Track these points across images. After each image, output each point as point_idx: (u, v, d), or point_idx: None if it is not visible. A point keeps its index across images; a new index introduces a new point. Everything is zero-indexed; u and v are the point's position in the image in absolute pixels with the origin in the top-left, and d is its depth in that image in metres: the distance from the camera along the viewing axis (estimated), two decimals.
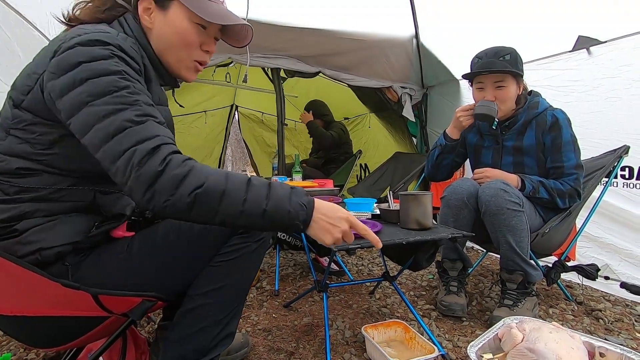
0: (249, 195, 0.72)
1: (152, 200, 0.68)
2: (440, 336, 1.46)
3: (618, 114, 1.95)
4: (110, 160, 0.69)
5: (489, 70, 1.61)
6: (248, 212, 0.72)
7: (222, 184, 0.71)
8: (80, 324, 0.86)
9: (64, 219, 0.79)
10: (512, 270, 1.52)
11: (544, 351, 0.85)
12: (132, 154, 0.68)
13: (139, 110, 0.72)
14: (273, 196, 0.74)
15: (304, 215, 0.76)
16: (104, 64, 0.73)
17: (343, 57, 2.69)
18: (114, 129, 0.69)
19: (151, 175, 0.67)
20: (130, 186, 0.68)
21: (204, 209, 0.70)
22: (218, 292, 0.89)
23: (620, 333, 1.49)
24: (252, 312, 1.69)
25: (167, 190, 0.68)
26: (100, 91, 0.71)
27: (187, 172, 0.69)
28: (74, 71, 0.71)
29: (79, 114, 0.71)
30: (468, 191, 1.61)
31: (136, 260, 0.85)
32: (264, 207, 0.73)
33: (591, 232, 2.00)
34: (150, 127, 0.72)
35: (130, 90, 0.74)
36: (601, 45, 1.99)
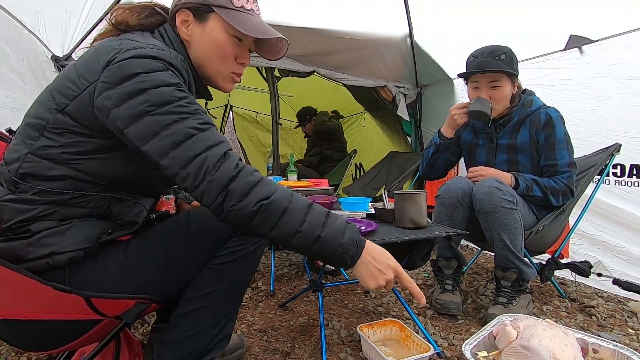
0: (308, 218, 0.75)
1: (224, 203, 0.71)
2: (435, 334, 1.46)
3: (609, 113, 1.97)
4: (179, 165, 0.72)
5: (484, 70, 1.61)
6: (303, 234, 0.74)
7: (286, 200, 0.74)
8: (73, 327, 0.85)
9: (77, 224, 0.79)
10: (507, 268, 1.53)
11: (538, 348, 0.86)
12: (205, 159, 0.71)
13: (201, 118, 0.76)
14: (329, 225, 0.77)
15: (354, 252, 0.78)
16: (161, 75, 0.75)
17: (337, 57, 2.69)
18: (182, 137, 0.72)
19: (226, 178, 0.71)
20: (202, 189, 0.71)
21: (264, 221, 0.73)
22: (214, 295, 0.88)
23: (613, 329, 1.51)
24: (247, 312, 1.69)
25: (238, 195, 0.71)
26: (161, 101, 0.72)
27: (258, 181, 0.73)
28: (131, 81, 0.72)
29: (139, 123, 0.72)
30: (462, 190, 1.62)
31: (132, 263, 0.83)
32: (319, 233, 0.75)
33: (584, 230, 2.03)
34: (215, 134, 0.76)
35: (189, 100, 0.76)
36: (593, 44, 2.01)
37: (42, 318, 0.81)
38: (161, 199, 1.00)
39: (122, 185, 0.83)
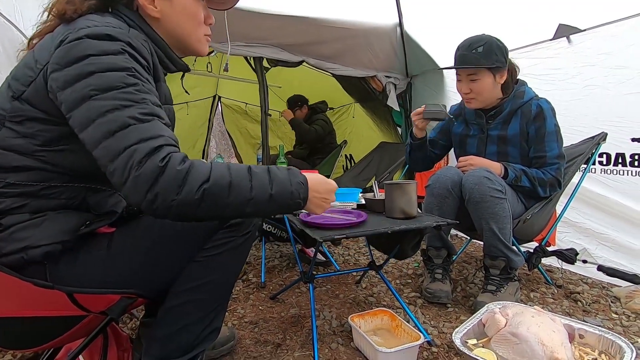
0: (254, 182, 0.73)
1: (156, 202, 0.65)
2: (425, 323, 1.48)
3: (596, 102, 1.99)
4: (108, 157, 0.66)
5: (457, 67, 1.64)
6: (256, 199, 0.73)
7: (226, 175, 0.71)
8: (57, 323, 0.83)
9: (52, 216, 0.76)
10: (495, 257, 1.55)
11: (526, 335, 0.87)
12: (133, 153, 0.65)
13: (146, 108, 0.70)
14: (276, 180, 0.76)
15: (304, 192, 0.80)
16: (113, 59, 0.70)
17: (327, 46, 2.65)
18: (117, 126, 0.66)
19: (151, 174, 0.65)
20: (128, 187, 0.65)
21: (213, 203, 0.69)
22: (203, 289, 0.87)
23: (597, 314, 1.55)
24: (238, 305, 1.68)
25: (172, 189, 0.66)
26: (107, 86, 0.68)
27: (190, 166, 0.68)
28: (80, 63, 0.68)
29: (81, 107, 0.68)
30: (452, 179, 1.62)
31: (116, 256, 0.81)
32: (270, 191, 0.75)
33: (570, 218, 2.06)
34: (156, 126, 0.70)
35: (139, 88, 0.71)
36: (581, 33, 2.02)
37: (25, 315, 0.78)
38: None
39: (93, 175, 0.80)
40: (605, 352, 0.91)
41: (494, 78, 1.62)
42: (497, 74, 1.62)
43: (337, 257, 2.35)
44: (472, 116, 1.76)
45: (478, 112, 1.73)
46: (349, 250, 2.50)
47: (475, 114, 1.74)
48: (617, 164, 1.93)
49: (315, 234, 1.12)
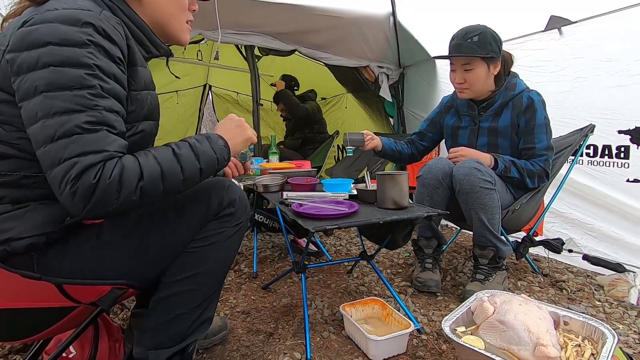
0: (183, 164, 0.76)
1: (94, 210, 0.66)
2: (415, 311, 1.50)
3: (585, 94, 2.01)
4: (48, 163, 0.65)
5: (451, 56, 1.63)
6: (188, 178, 0.77)
7: (157, 167, 0.72)
8: (46, 315, 0.82)
9: (34, 207, 0.74)
10: (484, 246, 1.57)
11: (513, 323, 0.89)
12: (72, 166, 0.64)
13: (96, 117, 0.67)
14: (201, 154, 0.79)
15: (227, 153, 0.85)
16: (74, 52, 0.66)
17: (319, 35, 2.62)
18: (62, 132, 0.64)
19: (87, 191, 0.64)
20: (65, 200, 0.65)
21: (151, 196, 0.72)
22: (194, 279, 0.87)
23: (581, 302, 1.59)
24: (230, 295, 1.68)
25: (110, 197, 0.66)
26: (61, 84, 0.65)
27: (121, 171, 0.67)
28: (38, 50, 0.65)
29: (31, 101, 0.65)
30: (443, 170, 1.64)
31: (105, 247, 0.80)
32: (200, 166, 0.78)
33: (557, 208, 2.10)
34: (101, 139, 0.67)
35: (94, 92, 0.68)
36: (572, 25, 2.03)
37: (14, 306, 0.77)
38: None
39: None
40: (588, 338, 0.94)
41: (487, 68, 1.63)
42: (491, 65, 1.63)
43: (328, 247, 2.37)
44: (464, 108, 1.77)
45: (470, 104, 1.74)
46: (340, 240, 2.52)
47: (467, 106, 1.75)
48: (604, 155, 1.97)
49: (307, 224, 1.12)
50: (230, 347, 1.28)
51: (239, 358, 1.22)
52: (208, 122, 9.26)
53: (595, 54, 1.95)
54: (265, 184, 1.66)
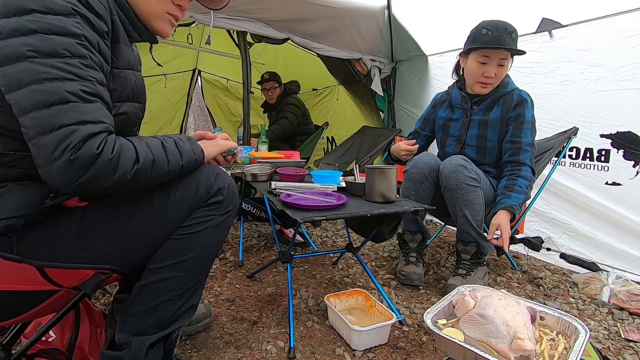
0: (169, 157, 0.79)
1: (87, 185, 0.65)
2: (398, 304, 1.53)
3: (570, 97, 2.05)
4: (38, 129, 0.62)
5: (506, 47, 1.56)
6: (171, 171, 0.80)
7: (149, 153, 0.75)
8: (26, 298, 0.80)
9: (12, 188, 0.71)
10: (467, 242, 1.61)
11: (492, 316, 0.92)
12: (70, 133, 0.62)
13: (90, 87, 0.66)
14: (184, 152, 0.83)
15: (201, 156, 0.89)
16: (62, 20, 0.64)
17: (313, 24, 2.59)
18: (56, 98, 0.62)
19: (88, 161, 0.64)
20: (58, 167, 0.62)
21: (140, 181, 0.74)
22: (180, 266, 0.86)
23: (557, 298, 1.65)
24: (215, 282, 1.68)
25: (106, 174, 0.67)
26: (49, 50, 0.62)
27: (120, 149, 0.69)
28: (22, 17, 0.62)
29: (13, 66, 0.62)
30: (429, 165, 1.66)
31: (90, 231, 0.78)
32: (182, 163, 0.82)
33: (538, 208, 2.16)
34: (98, 110, 0.68)
35: (86, 63, 0.66)
36: (562, 28, 2.06)
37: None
38: None
39: None
40: (562, 333, 0.97)
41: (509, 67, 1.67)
42: (511, 63, 1.68)
43: (315, 238, 2.38)
44: (458, 101, 1.79)
45: (464, 97, 1.76)
46: (327, 232, 2.53)
47: (461, 99, 1.77)
48: (585, 158, 2.02)
49: (295, 214, 1.12)
50: (213, 335, 1.28)
51: (222, 345, 1.23)
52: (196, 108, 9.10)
53: (583, 58, 1.98)
54: (253, 173, 1.65)
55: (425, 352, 1.22)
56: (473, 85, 1.71)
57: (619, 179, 1.89)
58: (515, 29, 1.62)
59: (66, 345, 1.03)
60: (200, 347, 1.21)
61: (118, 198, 0.83)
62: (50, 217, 0.76)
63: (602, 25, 1.90)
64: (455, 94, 1.81)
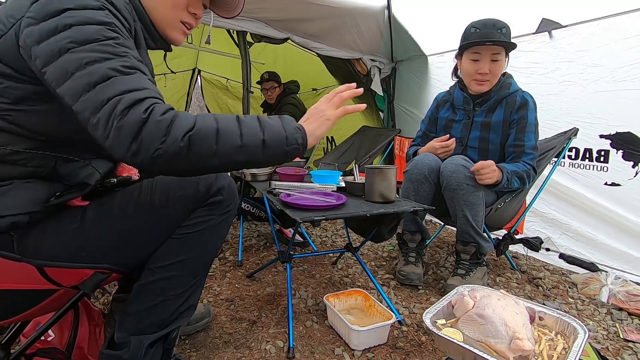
0: (243, 129, 0.70)
1: (140, 153, 0.63)
2: (397, 303, 1.53)
3: (570, 98, 2.05)
4: (90, 110, 0.63)
5: (493, 40, 1.58)
6: (247, 145, 0.69)
7: (212, 123, 0.68)
8: (26, 297, 0.80)
9: (19, 185, 0.71)
10: (467, 242, 1.61)
11: (491, 316, 0.92)
12: (116, 103, 0.62)
13: (127, 62, 0.68)
14: (266, 127, 0.73)
15: (301, 137, 0.76)
16: (93, 13, 0.68)
17: (313, 24, 2.59)
18: (98, 77, 0.64)
19: (135, 125, 0.62)
20: (112, 138, 0.62)
21: (200, 151, 0.66)
22: (180, 265, 0.86)
23: (556, 298, 1.65)
24: (214, 282, 1.68)
25: (156, 138, 0.63)
26: (85, 38, 0.65)
27: (174, 116, 0.65)
28: (58, 17, 0.66)
29: (58, 61, 0.64)
30: (429, 166, 1.66)
31: (90, 230, 0.78)
32: (262, 137, 0.71)
33: (538, 208, 2.16)
34: (139, 79, 0.67)
35: (119, 42, 0.69)
36: (562, 29, 2.06)
37: None
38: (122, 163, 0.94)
39: (64, 142, 0.76)
40: (561, 333, 0.98)
41: (505, 63, 1.66)
42: (507, 60, 1.66)
43: (314, 238, 2.38)
44: (460, 102, 1.79)
45: (466, 98, 1.76)
46: (326, 231, 2.53)
47: (464, 100, 1.77)
48: (585, 158, 2.02)
49: (295, 214, 1.12)
50: (212, 334, 1.28)
51: (221, 345, 1.23)
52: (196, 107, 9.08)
53: (582, 59, 1.98)
54: (253, 173, 1.65)
55: (424, 352, 1.22)
56: (470, 84, 1.72)
57: (618, 180, 1.89)
58: (507, 25, 1.62)
59: (65, 345, 1.03)
60: (199, 347, 1.21)
61: (119, 197, 0.83)
62: (50, 216, 0.76)
63: (602, 25, 1.90)
64: (457, 94, 1.81)
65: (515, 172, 1.60)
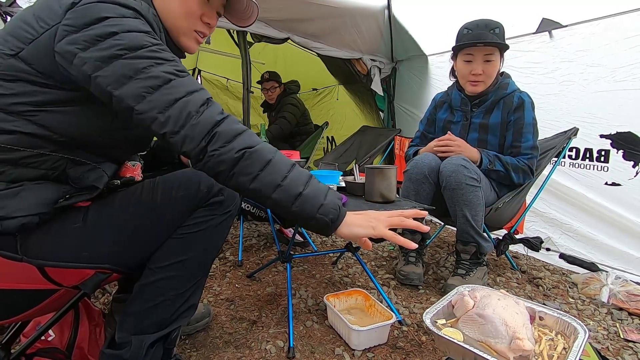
0: (291, 174, 0.73)
1: (207, 147, 0.68)
2: (398, 303, 1.53)
3: (570, 97, 2.06)
4: (158, 109, 0.68)
5: (484, 42, 1.60)
6: (285, 189, 0.71)
7: (270, 153, 0.73)
8: (26, 297, 0.80)
9: (29, 187, 0.72)
10: (467, 242, 1.61)
11: (491, 316, 0.92)
12: (187, 103, 0.69)
13: (177, 65, 0.73)
14: (312, 184, 0.75)
15: (335, 215, 0.75)
16: (132, 21, 0.71)
17: (313, 24, 2.59)
18: (160, 81, 0.69)
19: (211, 123, 0.69)
20: (185, 134, 0.68)
21: (246, 169, 0.70)
22: (180, 265, 0.86)
23: (556, 298, 1.65)
24: (214, 282, 1.68)
25: (223, 139, 0.69)
26: (134, 45, 0.69)
27: (244, 130, 0.72)
28: (100, 25, 0.68)
29: (111, 67, 0.67)
30: (429, 166, 1.66)
31: (92, 230, 0.78)
32: (302, 190, 0.73)
33: (538, 208, 2.16)
34: (194, 81, 0.74)
35: (164, 47, 0.74)
36: (562, 29, 2.06)
37: None
38: (126, 164, 0.94)
39: (82, 145, 0.77)
40: (561, 333, 0.97)
41: (500, 62, 1.66)
42: (502, 60, 1.66)
43: (314, 238, 2.38)
44: (458, 103, 1.79)
45: (464, 99, 1.76)
46: None
47: (461, 101, 1.77)
48: (585, 158, 2.02)
49: None
50: (213, 334, 1.28)
51: (221, 345, 1.23)
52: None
53: (583, 59, 1.99)
54: None
55: (424, 352, 1.22)
56: (464, 85, 1.73)
57: (619, 180, 1.89)
58: (500, 25, 1.62)
59: (65, 345, 1.03)
60: (199, 347, 1.21)
61: (120, 197, 0.83)
62: (53, 217, 0.76)
63: (602, 25, 1.90)
64: (455, 95, 1.81)
65: (498, 156, 1.63)
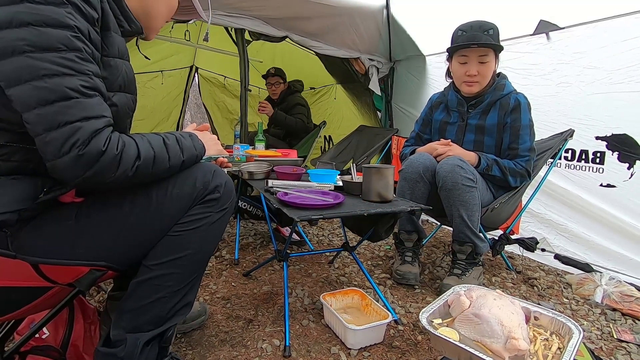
0: (170, 153, 0.81)
1: (92, 179, 0.68)
2: (394, 303, 1.53)
3: (567, 99, 2.07)
4: (44, 126, 0.64)
5: (478, 43, 1.61)
6: (172, 167, 0.83)
7: (150, 150, 0.77)
8: (20, 294, 0.79)
9: (4, 182, 0.69)
10: (463, 242, 1.61)
11: (487, 316, 0.92)
12: (76, 130, 0.65)
13: (89, 82, 0.68)
14: (185, 148, 0.85)
15: (201, 151, 0.92)
16: (54, 11, 0.63)
17: (311, 23, 2.59)
18: (58, 95, 0.63)
19: (94, 157, 0.67)
20: (66, 162, 0.65)
21: (142, 176, 0.76)
22: (176, 263, 0.85)
23: (551, 298, 1.66)
24: (210, 280, 1.67)
25: (111, 170, 0.70)
26: (46, 45, 0.62)
27: (123, 149, 0.71)
28: (14, 7, 0.61)
29: (11, 61, 0.61)
30: (424, 165, 1.66)
31: (86, 227, 0.77)
32: (183, 159, 0.85)
33: (534, 209, 2.17)
34: (99, 104, 0.70)
35: (82, 56, 0.67)
36: (560, 31, 2.07)
37: None
38: None
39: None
40: (556, 333, 0.98)
41: (495, 62, 1.67)
42: (497, 60, 1.67)
43: (311, 237, 2.38)
44: (454, 104, 1.79)
45: (460, 100, 1.77)
46: (323, 230, 2.53)
47: (457, 102, 1.77)
48: (581, 160, 2.04)
49: (292, 213, 1.12)
50: (209, 333, 1.28)
51: (217, 343, 1.23)
52: (193, 105, 9.04)
53: (579, 61, 2.00)
54: (250, 171, 1.65)
55: (420, 352, 1.23)
56: (460, 85, 1.74)
57: (614, 181, 1.90)
58: (494, 26, 1.64)
59: (60, 342, 1.02)
60: (195, 345, 1.21)
61: (114, 194, 0.82)
62: (45, 213, 0.75)
63: (599, 27, 1.91)
64: (451, 96, 1.81)
65: (496, 161, 1.65)
